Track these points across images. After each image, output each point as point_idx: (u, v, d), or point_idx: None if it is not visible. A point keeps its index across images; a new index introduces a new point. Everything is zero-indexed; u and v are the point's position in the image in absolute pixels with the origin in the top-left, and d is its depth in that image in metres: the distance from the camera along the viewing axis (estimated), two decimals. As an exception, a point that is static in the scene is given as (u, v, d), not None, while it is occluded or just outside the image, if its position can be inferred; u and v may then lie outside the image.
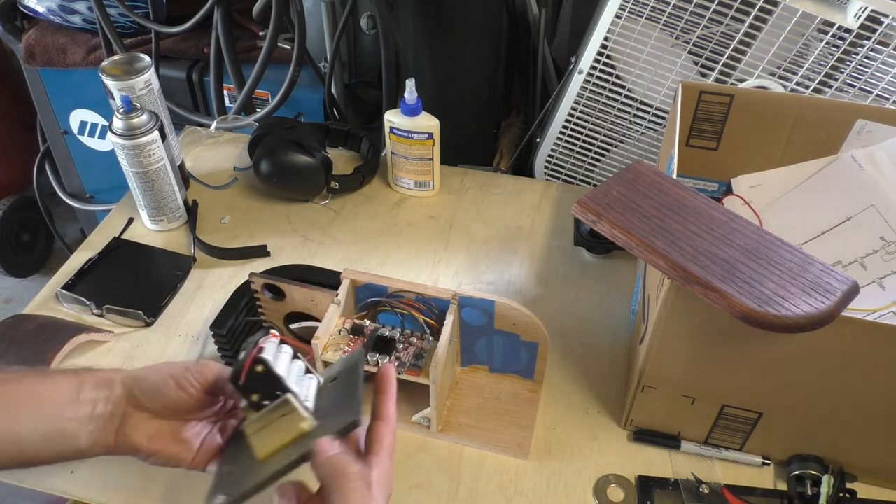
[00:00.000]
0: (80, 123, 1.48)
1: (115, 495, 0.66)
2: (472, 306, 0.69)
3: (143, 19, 1.26)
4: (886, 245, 0.72)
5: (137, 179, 0.88)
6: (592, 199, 0.60)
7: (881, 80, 0.82)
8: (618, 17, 0.89)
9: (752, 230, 0.57)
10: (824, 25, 0.82)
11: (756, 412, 0.64)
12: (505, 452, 0.70)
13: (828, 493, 0.64)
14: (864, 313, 0.69)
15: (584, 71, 0.95)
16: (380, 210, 0.99)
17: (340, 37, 1.20)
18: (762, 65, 0.86)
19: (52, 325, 0.79)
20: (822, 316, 0.50)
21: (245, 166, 1.02)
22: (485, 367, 0.76)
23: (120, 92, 0.87)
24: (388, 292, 0.70)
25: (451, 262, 0.91)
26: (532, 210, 0.99)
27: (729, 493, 0.66)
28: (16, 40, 1.40)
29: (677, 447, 0.70)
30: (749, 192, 0.81)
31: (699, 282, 0.52)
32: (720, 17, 0.85)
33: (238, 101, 1.22)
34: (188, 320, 0.83)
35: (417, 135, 0.94)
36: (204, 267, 0.90)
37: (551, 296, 0.87)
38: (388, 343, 0.68)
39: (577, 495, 0.67)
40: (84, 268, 0.87)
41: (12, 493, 0.55)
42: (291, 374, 0.55)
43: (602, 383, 0.76)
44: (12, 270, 1.94)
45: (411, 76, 0.92)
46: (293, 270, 0.74)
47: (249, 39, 1.30)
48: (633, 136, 1.00)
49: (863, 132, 0.76)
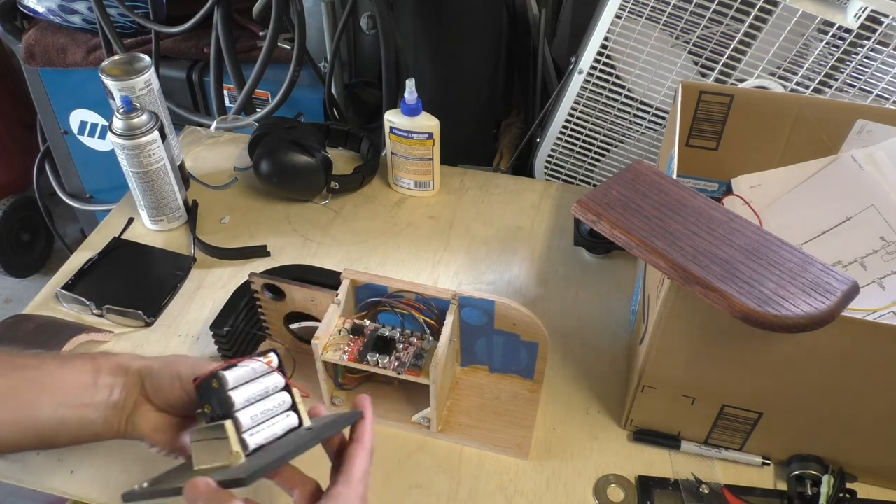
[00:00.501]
0: (80, 123, 1.48)
1: (116, 495, 0.66)
2: (472, 306, 0.69)
3: (143, 19, 1.26)
4: (886, 245, 0.72)
5: (137, 179, 0.88)
6: (592, 199, 0.60)
7: (881, 80, 0.82)
8: (618, 17, 0.89)
9: (752, 230, 0.57)
10: (824, 25, 0.82)
11: (756, 412, 0.64)
12: (505, 452, 0.70)
13: (828, 493, 0.64)
14: (864, 313, 0.69)
15: (584, 71, 0.95)
16: (380, 210, 0.99)
17: (340, 37, 1.20)
18: (762, 65, 0.86)
19: (52, 325, 0.79)
20: (822, 316, 0.50)
21: (245, 166, 1.02)
22: (485, 367, 0.76)
23: (120, 92, 0.87)
24: (388, 292, 0.70)
25: (451, 262, 0.91)
26: (532, 210, 0.99)
27: (729, 493, 0.66)
28: (16, 40, 1.40)
29: (677, 447, 0.70)
30: (749, 192, 0.81)
31: (699, 282, 0.52)
32: (720, 17, 0.85)
33: (238, 101, 1.22)
34: (188, 320, 0.83)
35: (417, 135, 0.94)
36: (204, 267, 0.90)
37: (551, 296, 0.87)
38: (388, 343, 0.68)
39: (577, 495, 0.67)
40: (84, 268, 0.88)
41: (12, 493, 0.55)
42: (261, 403, 0.53)
43: (602, 383, 0.76)
44: (12, 270, 1.94)
45: (411, 76, 0.92)
46: (293, 270, 0.74)
47: (249, 39, 1.30)
48: (633, 136, 1.00)
49: (863, 132, 0.76)
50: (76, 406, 0.54)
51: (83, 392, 0.54)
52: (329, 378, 0.71)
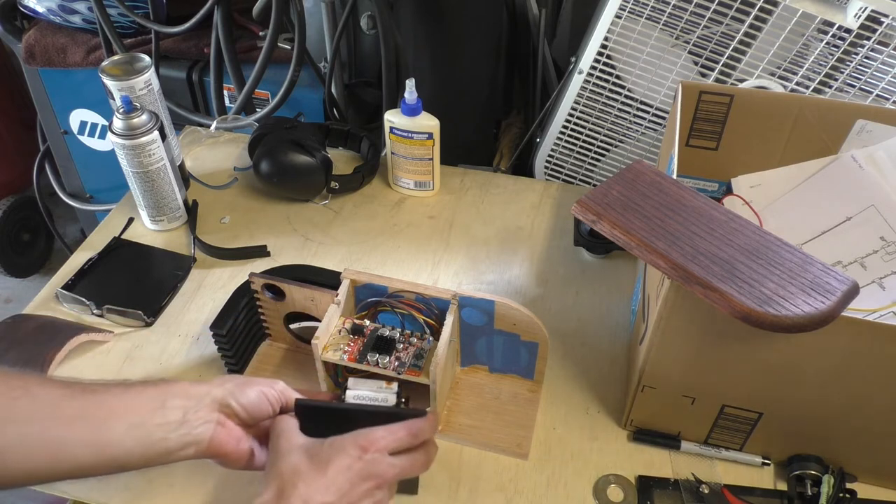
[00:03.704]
0: (80, 123, 1.48)
1: (115, 495, 0.66)
2: (472, 306, 0.69)
3: (143, 19, 1.26)
4: (886, 245, 0.72)
5: (137, 179, 0.88)
6: (592, 199, 0.60)
7: (881, 80, 0.82)
8: (618, 17, 0.89)
9: (752, 230, 0.57)
10: (824, 25, 0.82)
11: (756, 412, 0.64)
12: (505, 452, 0.70)
13: (828, 493, 0.64)
14: (864, 313, 0.69)
15: (584, 71, 0.95)
16: (380, 210, 0.99)
17: (340, 37, 1.20)
18: (762, 65, 0.86)
19: (52, 325, 0.79)
20: (822, 316, 0.50)
21: (245, 166, 1.02)
22: (485, 367, 0.76)
23: (120, 92, 0.87)
24: (388, 292, 0.70)
25: (451, 262, 0.91)
26: (532, 210, 0.99)
27: (729, 493, 0.66)
28: (16, 40, 1.41)
29: (677, 447, 0.70)
30: (749, 192, 0.81)
31: (699, 282, 0.52)
32: (720, 17, 0.85)
33: (238, 101, 1.22)
34: (188, 320, 0.83)
35: (417, 135, 0.94)
36: (204, 267, 0.90)
37: (551, 296, 0.87)
38: (388, 343, 0.68)
39: (577, 495, 0.67)
40: (84, 268, 0.87)
41: (12, 493, 0.55)
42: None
43: (602, 383, 0.76)
44: (12, 270, 1.94)
45: (411, 76, 0.92)
46: (293, 270, 0.74)
47: (249, 39, 1.30)
48: (633, 136, 1.00)
49: (863, 132, 0.76)
50: (146, 426, 0.54)
51: (153, 414, 0.54)
52: (329, 378, 0.71)
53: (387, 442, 0.54)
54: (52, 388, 0.53)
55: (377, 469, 0.53)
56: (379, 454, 0.54)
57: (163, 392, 0.56)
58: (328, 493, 0.51)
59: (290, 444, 0.55)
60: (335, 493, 0.52)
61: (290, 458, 0.54)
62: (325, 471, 0.52)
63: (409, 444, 0.56)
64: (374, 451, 0.53)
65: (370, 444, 0.54)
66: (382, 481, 0.54)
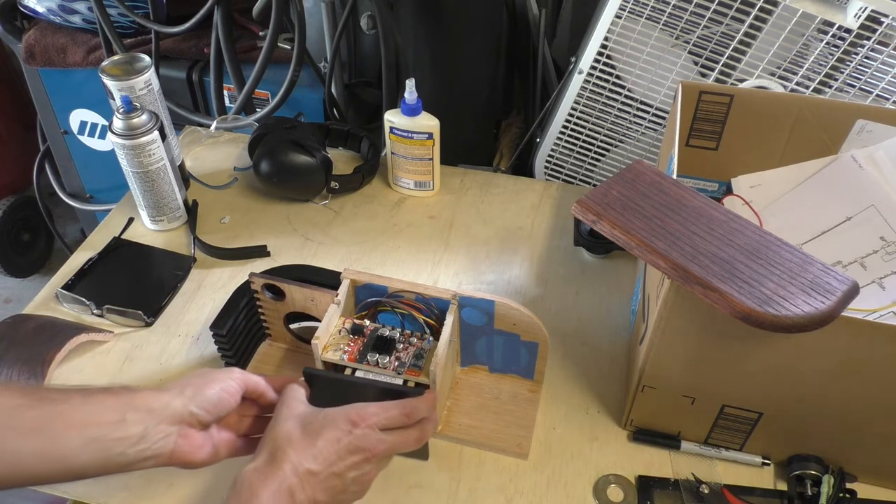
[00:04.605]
0: (80, 123, 1.48)
1: (115, 495, 0.66)
2: (472, 306, 0.69)
3: (143, 19, 1.26)
4: (886, 245, 0.72)
5: (137, 179, 0.88)
6: (592, 199, 0.60)
7: (881, 80, 0.82)
8: (618, 17, 0.89)
9: (752, 230, 0.57)
10: (824, 25, 0.82)
11: (756, 412, 0.64)
12: (505, 452, 0.70)
13: (828, 493, 0.64)
14: (864, 313, 0.69)
15: (584, 71, 0.95)
16: (380, 210, 0.99)
17: (340, 37, 1.20)
18: (762, 65, 0.86)
19: (52, 325, 0.79)
20: (822, 316, 0.50)
21: (245, 166, 1.02)
22: (485, 367, 0.76)
23: (120, 92, 0.87)
24: (388, 292, 0.70)
25: (451, 262, 0.91)
26: (532, 210, 0.99)
27: (729, 493, 0.66)
28: (16, 40, 1.40)
29: (677, 447, 0.70)
30: (749, 192, 0.81)
31: (699, 282, 0.52)
32: (720, 17, 0.85)
33: (238, 101, 1.22)
34: (188, 320, 0.83)
35: (417, 135, 0.94)
36: (204, 267, 0.90)
37: (551, 296, 0.87)
38: (388, 343, 0.68)
39: (577, 495, 0.67)
40: (84, 268, 0.87)
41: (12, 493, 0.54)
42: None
43: (602, 383, 0.76)
44: (12, 270, 1.94)
45: (411, 76, 0.92)
46: (293, 270, 0.74)
47: (249, 39, 1.30)
48: (633, 136, 1.00)
49: (863, 132, 0.76)
50: (104, 440, 0.53)
51: (112, 427, 0.53)
52: (329, 378, 0.71)
53: (378, 419, 0.55)
54: (11, 396, 0.52)
55: (365, 443, 0.54)
56: (369, 430, 0.55)
57: (124, 404, 0.55)
58: (315, 462, 0.53)
59: (290, 411, 0.56)
60: (322, 462, 0.53)
61: (286, 426, 0.55)
62: (315, 441, 0.53)
63: (401, 422, 0.57)
64: (364, 426, 0.54)
65: (361, 420, 0.55)
66: (371, 455, 0.54)
